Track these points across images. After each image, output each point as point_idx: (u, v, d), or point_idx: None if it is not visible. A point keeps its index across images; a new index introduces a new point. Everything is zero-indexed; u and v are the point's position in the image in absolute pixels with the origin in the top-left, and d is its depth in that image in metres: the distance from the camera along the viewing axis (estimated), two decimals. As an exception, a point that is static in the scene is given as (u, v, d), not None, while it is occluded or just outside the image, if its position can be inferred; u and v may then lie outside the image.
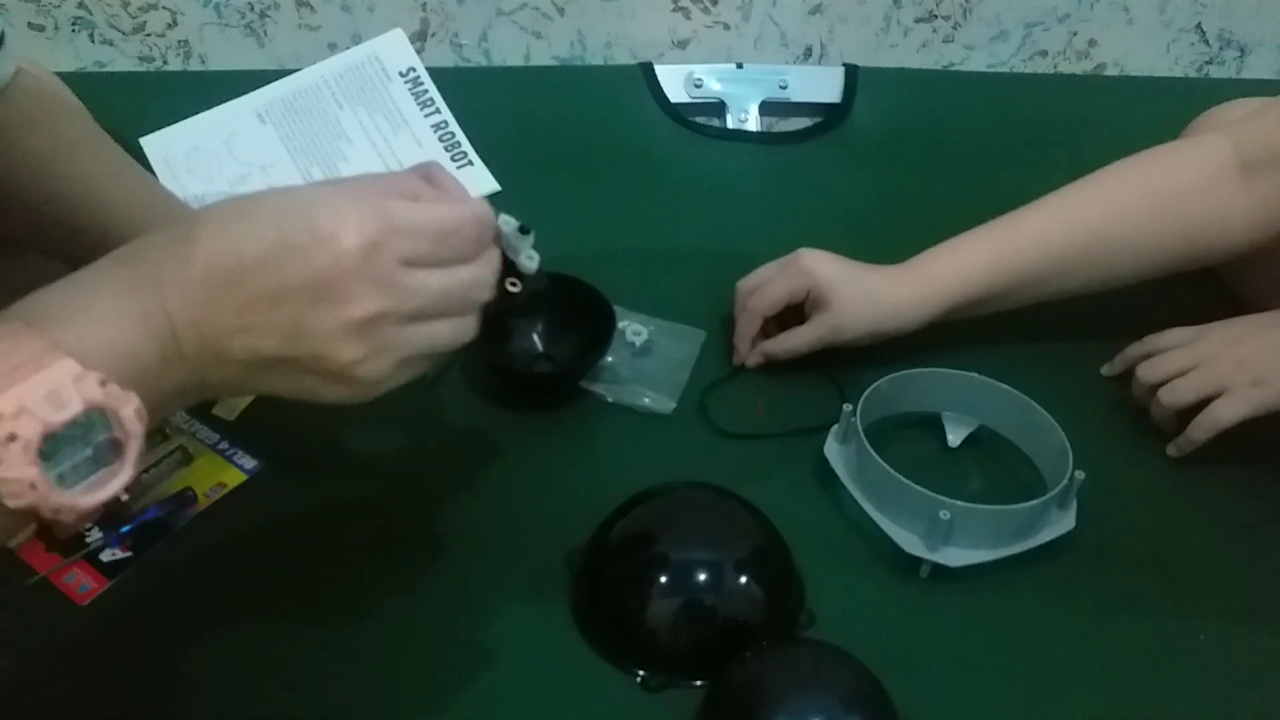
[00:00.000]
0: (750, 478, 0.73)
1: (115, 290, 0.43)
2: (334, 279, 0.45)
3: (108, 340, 0.42)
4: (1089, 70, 1.28)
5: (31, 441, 0.38)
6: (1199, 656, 0.66)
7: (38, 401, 0.38)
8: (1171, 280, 0.92)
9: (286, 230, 0.45)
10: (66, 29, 1.12)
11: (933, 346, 0.83)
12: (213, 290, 0.44)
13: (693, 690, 0.62)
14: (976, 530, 0.68)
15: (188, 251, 0.44)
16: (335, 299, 0.45)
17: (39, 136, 0.68)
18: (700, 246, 0.98)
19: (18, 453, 0.38)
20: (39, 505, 0.39)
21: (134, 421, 0.41)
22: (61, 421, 0.38)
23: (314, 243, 0.45)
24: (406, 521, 0.72)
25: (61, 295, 0.43)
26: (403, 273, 0.47)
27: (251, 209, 0.46)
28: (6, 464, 0.38)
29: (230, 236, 0.45)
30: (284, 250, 0.45)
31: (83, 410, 0.39)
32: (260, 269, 0.44)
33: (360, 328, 0.46)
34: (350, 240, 0.45)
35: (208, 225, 0.45)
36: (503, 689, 0.62)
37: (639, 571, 0.65)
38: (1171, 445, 0.79)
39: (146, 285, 0.44)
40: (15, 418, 0.37)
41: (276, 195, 0.47)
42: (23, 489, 0.38)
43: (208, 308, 0.44)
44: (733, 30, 1.20)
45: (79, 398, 0.39)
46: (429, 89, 1.07)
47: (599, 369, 0.83)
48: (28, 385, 0.38)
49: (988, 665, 0.65)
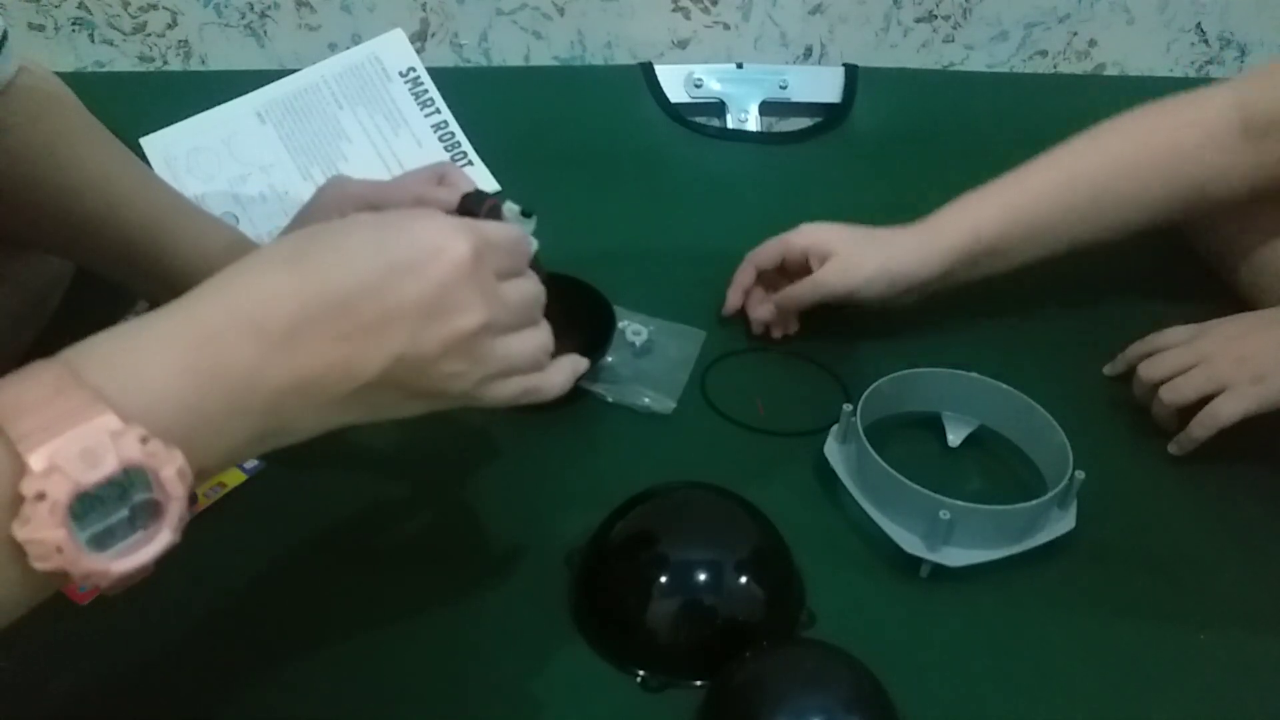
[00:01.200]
0: (750, 478, 0.73)
1: (170, 343, 0.41)
2: (448, 292, 0.45)
3: (160, 392, 0.39)
4: (1089, 70, 1.28)
5: (60, 502, 0.35)
6: (1199, 656, 0.66)
7: (70, 459, 0.35)
8: (1172, 280, 0.92)
9: (392, 252, 0.45)
10: (66, 29, 1.12)
11: (933, 346, 0.83)
12: (302, 330, 0.42)
13: (693, 690, 0.61)
14: (977, 530, 0.68)
15: (260, 296, 0.42)
16: (448, 312, 0.45)
17: (41, 132, 0.68)
18: (700, 246, 0.99)
19: (45, 513, 0.35)
20: (67, 569, 0.36)
21: (175, 483, 0.38)
22: (94, 481, 0.36)
23: (426, 259, 0.45)
24: (406, 521, 0.72)
25: (112, 343, 0.40)
26: (498, 284, 0.48)
27: (332, 241, 0.45)
28: (34, 524, 0.35)
29: (322, 268, 0.44)
30: (395, 271, 0.44)
31: (119, 470, 0.36)
32: (368, 294, 0.44)
33: (467, 340, 0.46)
34: (461, 251, 0.45)
35: (280, 266, 0.44)
36: (503, 689, 0.62)
37: (639, 571, 0.65)
38: (1173, 443, 0.78)
39: (206, 337, 0.41)
40: (46, 475, 0.35)
41: (358, 225, 0.47)
42: (49, 551, 0.36)
43: (295, 350, 0.42)
44: (733, 30, 1.20)
45: (115, 456, 0.36)
46: (429, 89, 1.07)
47: (599, 369, 0.83)
48: (62, 440, 0.36)
49: (988, 665, 0.65)
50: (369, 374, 0.44)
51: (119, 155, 0.71)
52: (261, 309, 0.42)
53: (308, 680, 0.62)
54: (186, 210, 0.70)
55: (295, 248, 0.45)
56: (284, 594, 0.66)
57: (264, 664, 0.62)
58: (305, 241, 0.45)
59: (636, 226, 1.00)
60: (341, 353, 0.43)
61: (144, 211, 0.68)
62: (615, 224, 1.00)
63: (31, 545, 0.36)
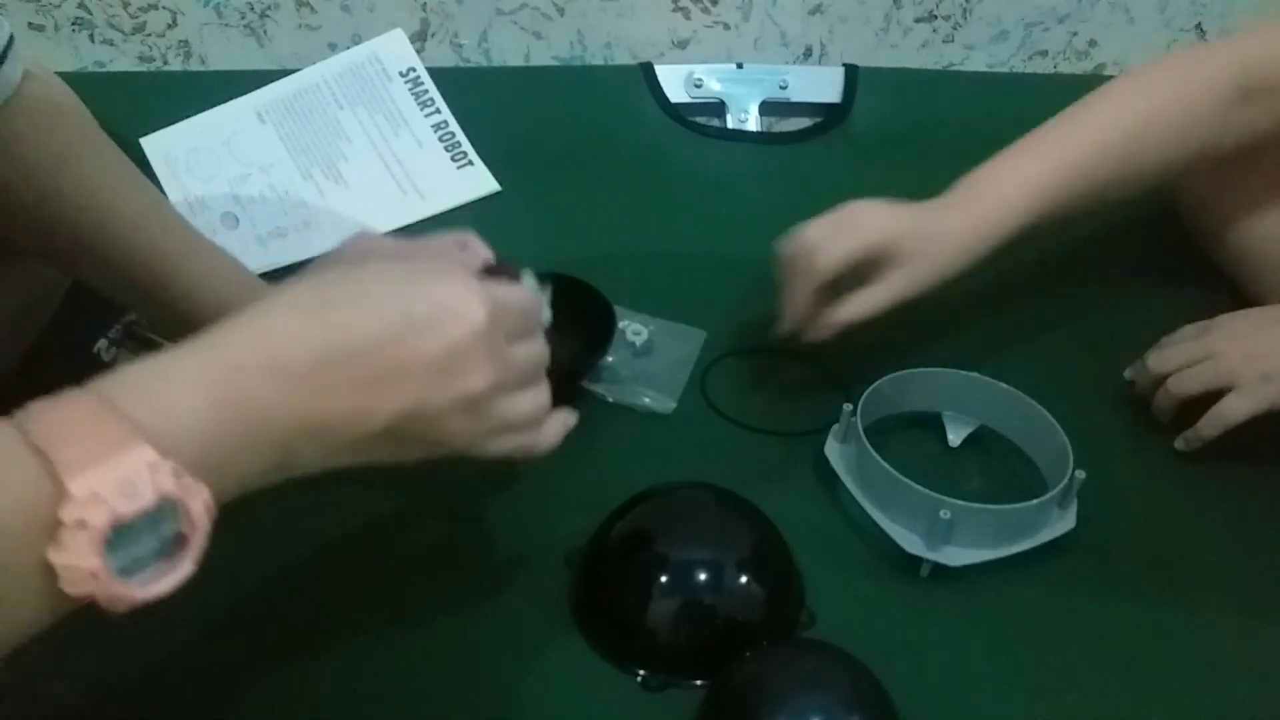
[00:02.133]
0: (750, 478, 0.73)
1: (197, 378, 0.42)
2: (462, 352, 0.47)
3: (188, 426, 0.40)
4: (1089, 70, 1.28)
5: (99, 530, 0.36)
6: (1199, 655, 0.66)
7: (110, 489, 0.36)
8: (1172, 279, 0.92)
9: (412, 308, 0.47)
10: (66, 29, 1.12)
11: (933, 346, 0.83)
12: (321, 375, 0.44)
13: (693, 690, 0.62)
14: (977, 530, 0.68)
15: (283, 338, 0.44)
16: (460, 372, 0.47)
17: (51, 148, 0.67)
18: (700, 246, 0.99)
19: (84, 541, 0.36)
20: (97, 594, 0.37)
21: (202, 516, 0.39)
22: (132, 513, 0.37)
23: (445, 319, 0.47)
24: (406, 521, 0.72)
25: (144, 377, 0.41)
26: (507, 348, 0.50)
27: (357, 290, 0.47)
28: (71, 550, 0.36)
29: (345, 316, 0.46)
30: (414, 328, 0.46)
31: (155, 502, 0.37)
32: (387, 347, 0.46)
33: (474, 400, 0.48)
34: (478, 315, 0.47)
35: (305, 311, 0.46)
36: (503, 689, 0.62)
37: (639, 571, 0.65)
38: (1180, 439, 0.79)
39: (231, 373, 0.43)
40: (86, 504, 0.36)
41: (381, 276, 0.49)
42: (83, 577, 0.36)
43: (313, 393, 0.44)
44: (733, 30, 1.20)
45: (153, 489, 0.37)
46: (429, 89, 1.07)
47: (599, 369, 0.83)
48: (103, 470, 0.37)
49: (988, 665, 0.65)
50: (378, 423, 0.46)
51: (129, 177, 0.70)
52: (285, 350, 0.44)
53: (307, 679, 0.62)
54: (193, 239, 0.69)
55: (319, 294, 0.47)
56: (283, 594, 0.66)
57: (263, 663, 0.62)
58: (329, 288, 0.47)
59: (636, 226, 1.00)
60: (356, 400, 0.45)
61: (152, 237, 0.67)
62: (615, 224, 1.00)
63: (66, 570, 0.36)
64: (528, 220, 1.00)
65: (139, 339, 0.80)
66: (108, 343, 0.81)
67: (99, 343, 0.81)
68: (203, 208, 0.97)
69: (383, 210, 1.00)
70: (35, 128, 0.67)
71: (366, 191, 1.01)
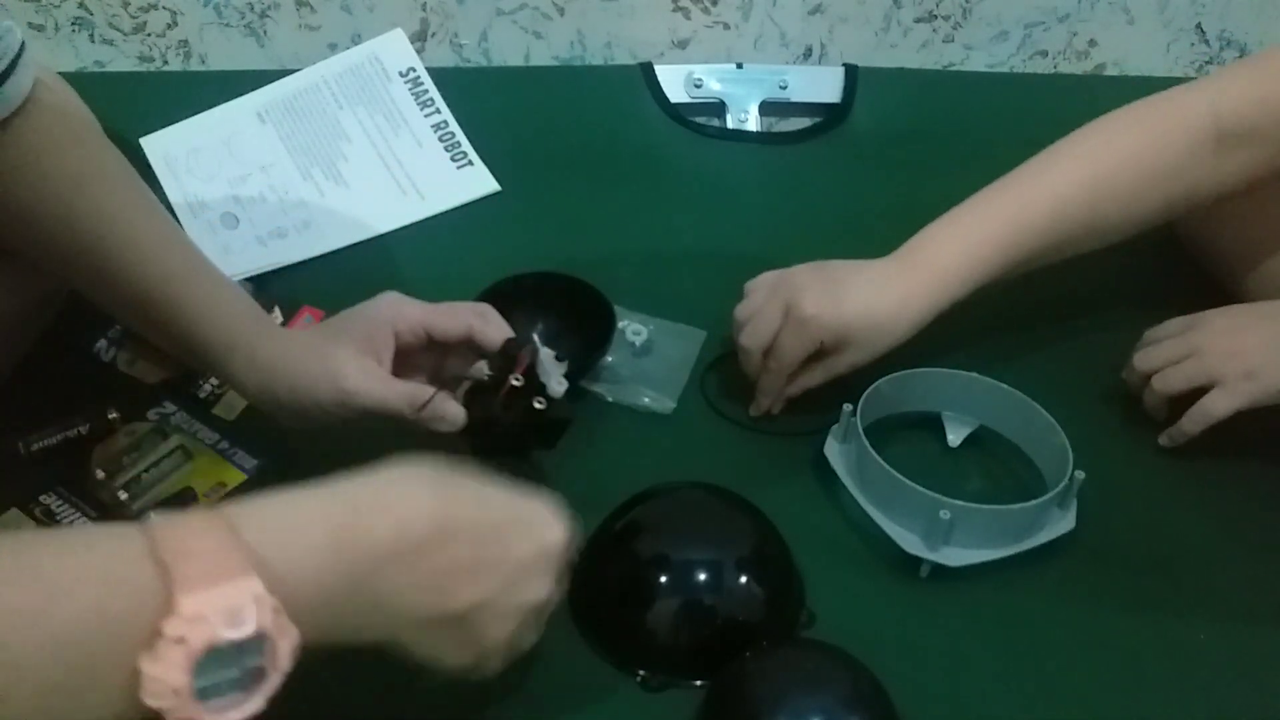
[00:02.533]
0: (750, 478, 0.73)
1: (320, 519, 0.44)
2: (544, 560, 0.52)
3: (302, 565, 0.42)
4: (1089, 70, 1.28)
5: (195, 650, 0.37)
6: (1199, 656, 0.66)
7: (216, 613, 0.38)
8: (1171, 279, 0.92)
9: (522, 510, 0.52)
10: (66, 29, 1.12)
11: (933, 347, 0.83)
12: (432, 544, 0.47)
13: (693, 690, 0.62)
14: (977, 530, 0.68)
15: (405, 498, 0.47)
16: (538, 577, 0.52)
17: (65, 167, 0.66)
18: (700, 246, 0.99)
19: (179, 658, 0.37)
20: (172, 710, 0.38)
21: (287, 657, 0.41)
22: (229, 640, 0.38)
23: (541, 524, 0.52)
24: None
25: (270, 509, 0.44)
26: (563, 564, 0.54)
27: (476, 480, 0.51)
28: (163, 663, 0.37)
29: (464, 496, 0.50)
30: (523, 525, 0.51)
31: (253, 634, 0.39)
32: (498, 533, 0.50)
33: (534, 609, 0.52)
34: (562, 531, 0.53)
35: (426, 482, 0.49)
36: (503, 689, 0.62)
37: (639, 571, 0.65)
38: (1164, 435, 0.79)
39: (354, 519, 0.45)
40: (190, 622, 0.37)
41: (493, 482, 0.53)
42: (166, 691, 0.37)
43: (419, 558, 0.46)
44: (733, 30, 1.20)
45: (255, 621, 0.39)
46: (429, 89, 1.07)
47: (599, 369, 0.83)
48: (213, 594, 0.38)
49: (988, 665, 0.65)
50: (460, 603, 0.49)
51: (143, 202, 0.69)
52: (405, 508, 0.47)
53: (305, 678, 0.62)
54: (203, 269, 0.68)
55: (438, 474, 0.50)
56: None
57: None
58: (447, 472, 0.50)
59: (636, 226, 1.00)
60: (454, 575, 0.48)
61: (163, 265, 0.67)
62: (615, 224, 1.00)
63: (152, 682, 0.37)
64: (528, 220, 1.00)
65: (139, 340, 0.80)
66: (107, 343, 0.81)
67: (99, 343, 0.81)
68: (203, 208, 0.97)
69: (383, 210, 1.00)
70: (51, 147, 0.66)
71: (366, 191, 1.01)
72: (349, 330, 0.67)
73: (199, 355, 0.67)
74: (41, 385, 0.79)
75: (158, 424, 0.75)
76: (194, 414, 0.77)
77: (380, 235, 0.98)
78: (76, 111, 0.72)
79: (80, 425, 0.74)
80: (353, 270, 0.94)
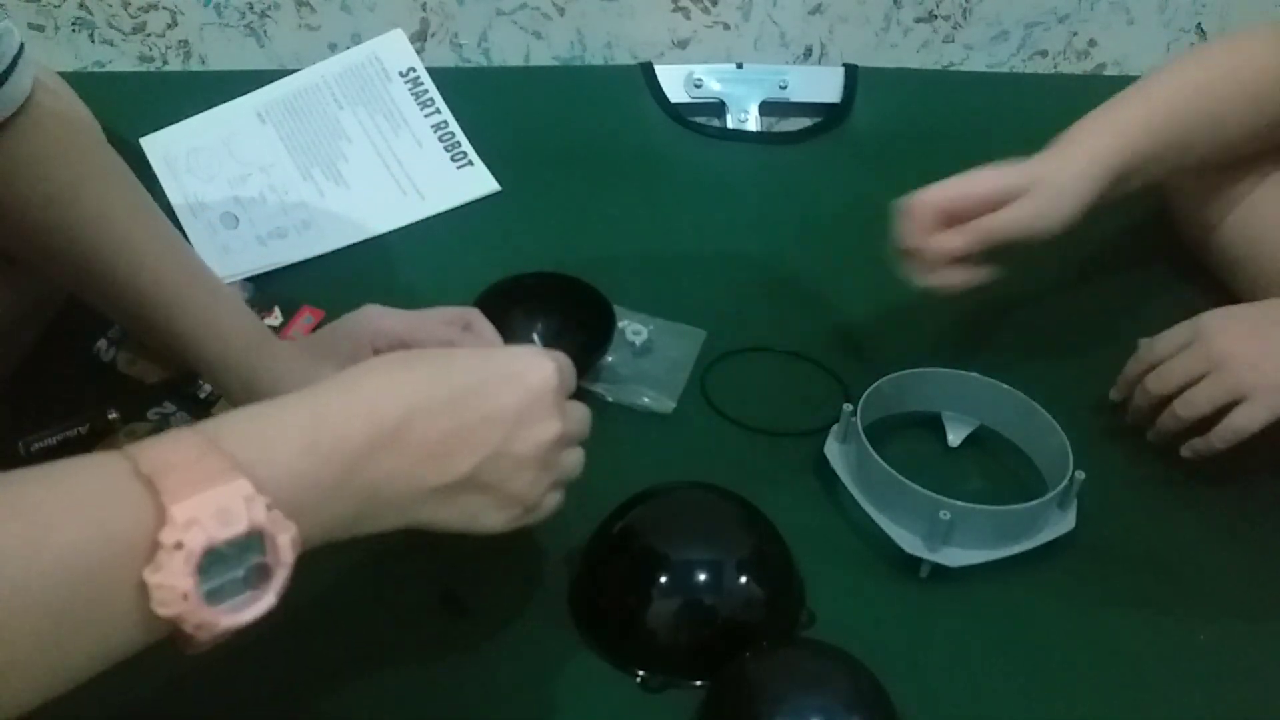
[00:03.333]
0: (750, 478, 0.73)
1: (295, 424, 0.45)
2: (538, 401, 0.52)
3: (285, 466, 0.43)
4: (1089, 70, 1.28)
5: (195, 552, 0.38)
6: (1199, 656, 0.66)
7: (208, 515, 0.39)
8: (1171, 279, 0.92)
9: (494, 365, 0.53)
10: (66, 29, 1.12)
11: (933, 346, 0.83)
12: (412, 421, 0.47)
13: (693, 690, 0.62)
14: (977, 530, 0.68)
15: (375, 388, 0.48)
16: (534, 421, 0.52)
17: (64, 171, 0.66)
18: (700, 246, 0.99)
19: (180, 562, 0.38)
20: (185, 616, 0.38)
21: (288, 550, 0.41)
22: (225, 538, 0.39)
23: (523, 371, 0.53)
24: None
25: (245, 422, 0.44)
26: (566, 403, 0.55)
27: (442, 352, 0.55)
28: (165, 570, 0.38)
29: (433, 371, 0.51)
30: (496, 380, 0.51)
31: (247, 531, 0.39)
32: (474, 396, 0.50)
33: (545, 449, 0.53)
34: (549, 371, 0.53)
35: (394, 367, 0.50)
36: (503, 689, 0.62)
37: (639, 571, 0.65)
38: (1186, 448, 0.75)
39: (326, 419, 0.46)
40: (185, 528, 0.38)
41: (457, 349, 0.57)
42: (175, 598, 0.38)
43: (403, 437, 0.47)
44: (733, 30, 1.20)
45: (247, 518, 0.39)
46: (429, 89, 1.07)
47: (599, 369, 0.83)
48: (203, 498, 0.39)
49: (988, 665, 0.65)
50: (461, 469, 0.49)
51: (140, 206, 0.69)
52: (377, 397, 0.48)
53: (305, 678, 0.62)
54: (199, 276, 0.68)
55: (404, 357, 0.52)
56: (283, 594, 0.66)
57: (262, 662, 0.62)
58: (413, 355, 0.52)
59: (636, 226, 1.00)
60: (444, 446, 0.49)
61: (158, 271, 0.67)
62: (615, 224, 1.00)
63: (159, 590, 0.38)
64: (528, 220, 1.00)
65: (139, 340, 0.80)
66: (107, 343, 0.81)
67: (99, 343, 0.81)
68: (203, 208, 0.97)
69: (383, 210, 1.00)
70: (52, 148, 0.66)
71: (366, 191, 1.01)
72: (334, 347, 0.69)
73: (190, 362, 0.68)
74: (41, 385, 0.79)
75: (158, 424, 0.75)
76: (194, 414, 0.77)
77: (380, 235, 0.98)
78: (76, 114, 0.71)
79: (80, 425, 0.74)
80: (353, 270, 0.94)
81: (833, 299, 0.92)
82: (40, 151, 0.66)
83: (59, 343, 0.82)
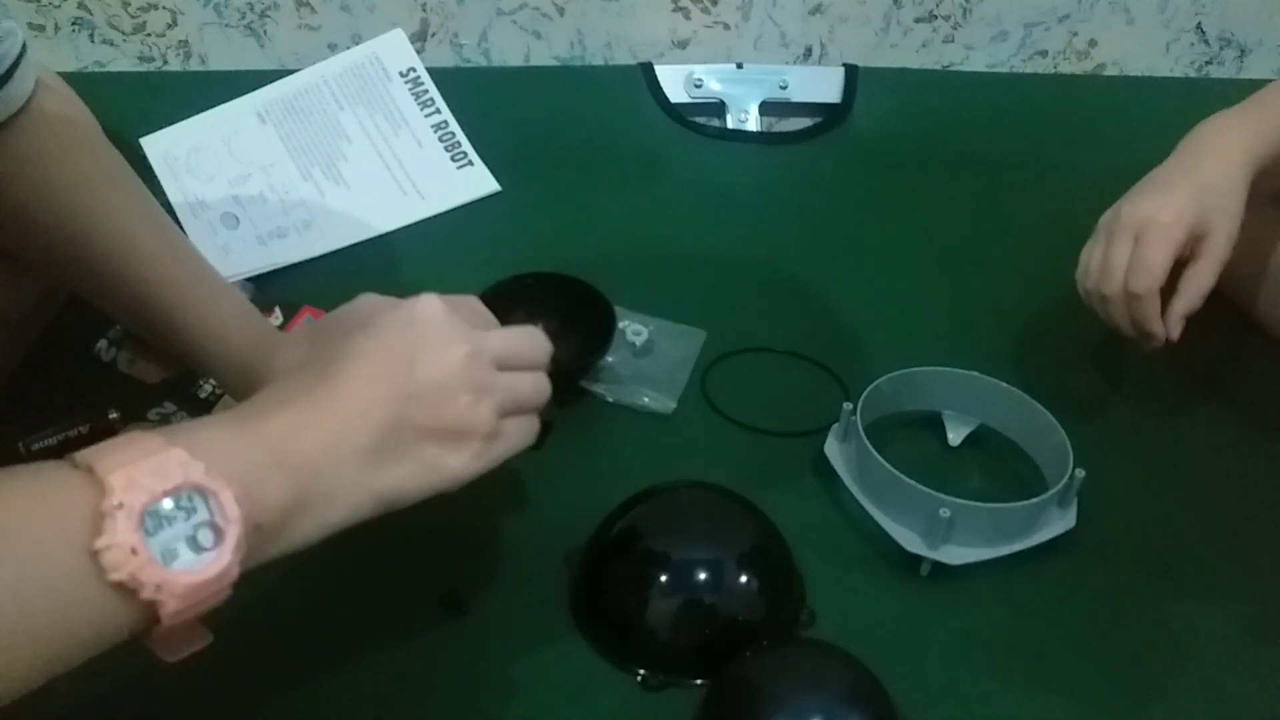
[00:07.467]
0: (750, 478, 0.73)
1: (221, 420, 0.48)
2: (429, 327, 0.52)
3: (216, 448, 0.43)
4: (1089, 70, 1.28)
5: (135, 508, 0.39)
6: (1199, 656, 0.66)
7: (145, 475, 0.40)
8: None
9: (379, 312, 0.53)
10: (66, 29, 1.12)
11: (933, 346, 0.83)
12: (318, 391, 0.49)
13: (693, 690, 0.62)
14: (977, 529, 0.69)
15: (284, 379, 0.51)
16: (434, 346, 0.51)
17: (65, 172, 0.66)
18: (700, 246, 0.99)
19: (123, 519, 0.39)
20: (139, 576, 0.39)
21: (233, 505, 0.42)
22: (164, 489, 0.40)
23: (405, 308, 0.52)
24: (405, 521, 0.72)
25: (174, 426, 0.46)
26: (476, 330, 0.54)
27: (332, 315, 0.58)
28: (110, 531, 0.38)
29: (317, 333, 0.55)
30: (382, 322, 0.52)
31: (185, 482, 0.40)
32: (365, 342, 0.50)
33: (461, 370, 0.51)
34: (429, 300, 0.53)
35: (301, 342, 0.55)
36: (503, 688, 0.62)
37: (639, 571, 0.65)
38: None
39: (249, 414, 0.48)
40: (125, 489, 0.39)
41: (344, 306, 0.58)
42: (124, 555, 0.38)
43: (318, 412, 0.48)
44: (733, 30, 1.20)
45: (183, 474, 0.41)
46: (429, 89, 1.07)
47: (599, 369, 0.83)
48: (139, 465, 0.40)
49: (987, 663, 0.65)
50: (382, 417, 0.49)
51: (143, 206, 0.69)
52: (287, 385, 0.50)
53: (306, 678, 0.62)
54: (203, 276, 0.68)
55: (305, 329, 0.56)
56: (281, 593, 0.66)
57: (261, 662, 0.62)
58: (314, 324, 0.56)
59: (636, 226, 1.00)
60: (355, 400, 0.49)
61: (161, 271, 0.66)
62: (615, 224, 1.00)
63: (108, 553, 0.38)
64: (528, 220, 1.01)
65: (138, 339, 0.80)
66: (107, 343, 0.81)
67: (99, 343, 0.81)
68: (203, 208, 0.97)
69: (383, 210, 1.00)
70: (54, 148, 0.66)
71: (366, 191, 1.01)
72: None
73: (194, 361, 0.67)
74: (41, 385, 0.79)
75: (158, 424, 0.75)
76: (194, 414, 0.77)
77: (380, 235, 0.98)
78: (77, 114, 0.71)
79: (80, 425, 0.74)
80: (353, 270, 0.94)
81: (833, 299, 0.92)
82: (42, 151, 0.66)
83: (59, 343, 0.82)
